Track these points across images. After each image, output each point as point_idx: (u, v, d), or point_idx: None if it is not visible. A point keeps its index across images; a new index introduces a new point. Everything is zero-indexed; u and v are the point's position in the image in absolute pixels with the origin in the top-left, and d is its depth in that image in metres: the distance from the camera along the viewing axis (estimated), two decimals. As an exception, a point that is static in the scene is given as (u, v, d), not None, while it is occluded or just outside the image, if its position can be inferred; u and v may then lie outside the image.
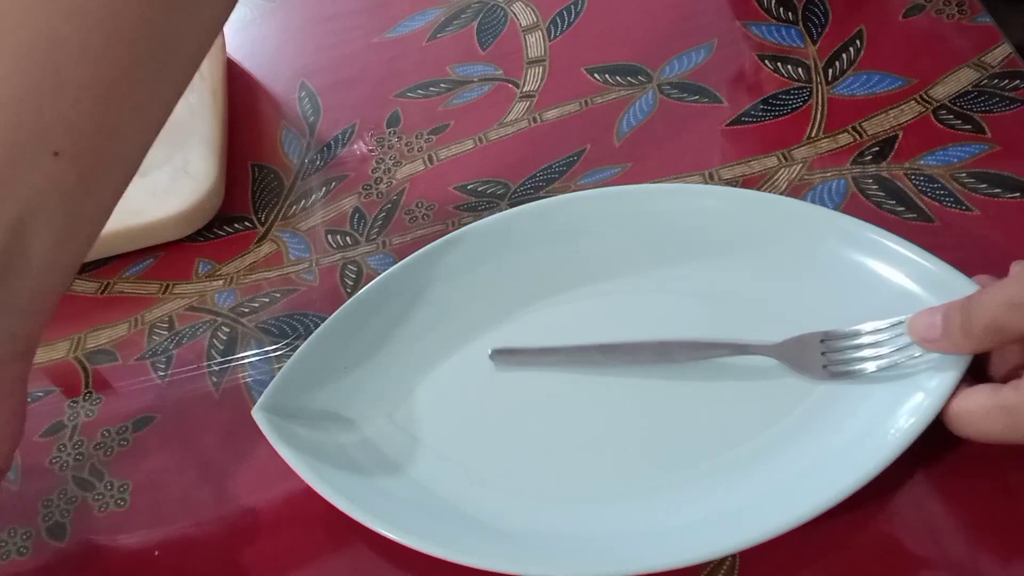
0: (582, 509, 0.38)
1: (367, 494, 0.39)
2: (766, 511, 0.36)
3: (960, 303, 0.36)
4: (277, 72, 0.57)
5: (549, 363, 0.42)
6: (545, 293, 0.44)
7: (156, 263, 0.50)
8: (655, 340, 0.41)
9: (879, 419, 0.37)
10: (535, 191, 0.48)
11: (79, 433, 0.45)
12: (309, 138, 0.54)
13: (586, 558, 0.37)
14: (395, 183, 0.51)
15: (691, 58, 0.51)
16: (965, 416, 0.35)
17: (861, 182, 0.45)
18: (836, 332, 0.39)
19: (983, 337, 0.35)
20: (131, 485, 0.43)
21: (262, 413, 0.40)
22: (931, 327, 0.36)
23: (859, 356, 0.39)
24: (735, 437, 0.39)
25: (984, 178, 0.44)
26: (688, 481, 0.38)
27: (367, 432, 0.41)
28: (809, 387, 0.39)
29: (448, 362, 0.43)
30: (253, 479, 0.42)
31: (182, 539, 0.42)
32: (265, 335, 0.47)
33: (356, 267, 0.48)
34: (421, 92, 0.54)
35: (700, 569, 0.37)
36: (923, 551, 0.36)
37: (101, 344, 0.48)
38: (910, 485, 0.37)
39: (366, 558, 0.39)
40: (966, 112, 0.46)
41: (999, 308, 0.34)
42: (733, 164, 0.47)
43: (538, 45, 0.54)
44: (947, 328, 0.36)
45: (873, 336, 0.38)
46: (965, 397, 0.36)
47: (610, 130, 0.50)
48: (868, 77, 0.48)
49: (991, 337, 0.35)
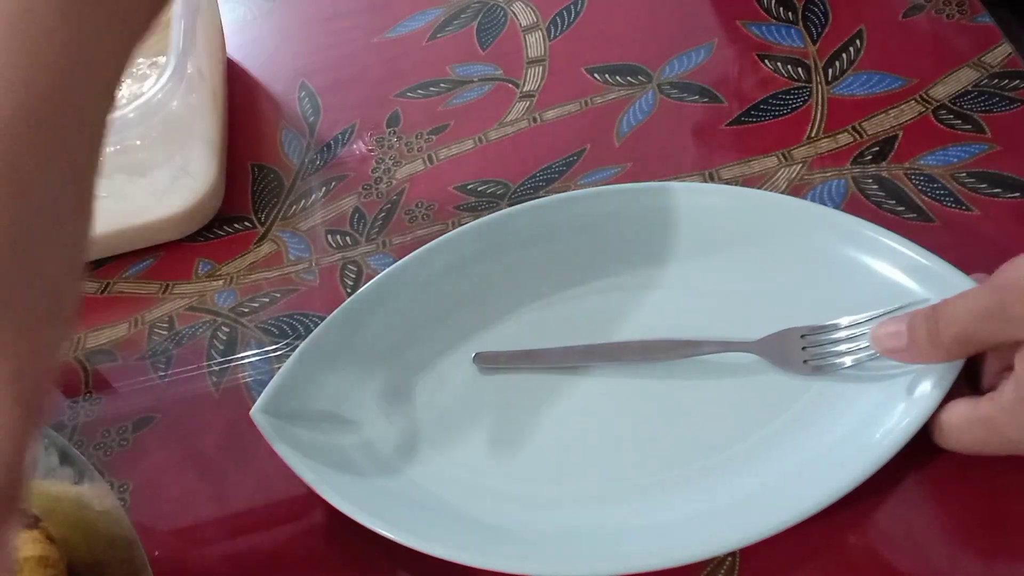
0: (583, 508, 0.38)
1: (366, 494, 0.39)
2: (766, 508, 0.36)
3: (926, 312, 0.35)
4: (277, 72, 0.57)
5: (537, 365, 0.42)
6: (545, 292, 0.44)
7: (156, 263, 0.50)
8: (639, 340, 0.41)
9: (876, 417, 0.37)
10: (535, 191, 0.48)
11: (79, 433, 0.45)
12: (309, 138, 0.54)
13: (586, 557, 0.37)
14: (395, 183, 0.51)
15: (691, 58, 0.51)
16: (947, 429, 0.35)
17: (861, 182, 0.45)
18: (816, 327, 0.39)
19: (952, 347, 0.34)
20: (131, 485, 0.43)
21: (261, 414, 0.40)
22: (895, 336, 0.36)
23: (837, 351, 0.39)
24: (729, 436, 0.39)
25: (984, 178, 0.44)
26: (686, 480, 0.38)
27: (366, 432, 0.41)
28: (804, 385, 0.39)
29: (447, 362, 0.43)
30: (252, 479, 0.42)
31: (182, 539, 0.42)
32: (265, 335, 0.47)
33: (356, 267, 0.48)
34: (421, 92, 0.54)
35: (701, 568, 0.37)
36: (921, 550, 0.36)
37: (101, 344, 0.48)
38: (908, 483, 0.37)
39: (366, 558, 0.39)
40: (966, 112, 0.46)
41: (971, 319, 0.33)
42: (733, 164, 0.47)
43: (538, 45, 0.54)
44: (913, 338, 0.35)
45: (851, 330, 0.38)
46: (948, 409, 0.35)
47: (610, 130, 0.50)
48: (868, 77, 0.48)
49: (960, 348, 0.34)
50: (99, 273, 0.51)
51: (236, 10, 0.60)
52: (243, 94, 0.56)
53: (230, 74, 0.57)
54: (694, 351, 0.40)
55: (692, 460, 0.39)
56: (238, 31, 0.59)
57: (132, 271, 0.50)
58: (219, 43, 0.57)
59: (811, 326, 0.39)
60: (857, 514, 0.37)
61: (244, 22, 0.60)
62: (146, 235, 0.50)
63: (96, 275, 0.51)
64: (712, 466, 0.39)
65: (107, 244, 0.50)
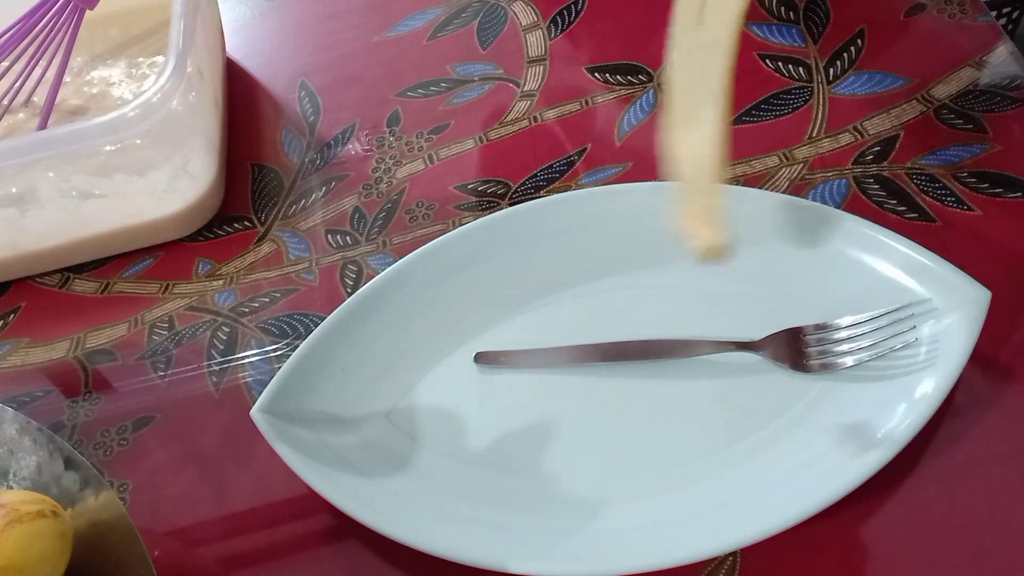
0: (583, 508, 0.38)
1: (366, 494, 0.39)
2: (766, 508, 0.36)
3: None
4: (277, 72, 0.57)
5: (537, 365, 0.42)
6: (545, 291, 0.44)
7: (156, 263, 0.50)
8: (639, 340, 0.41)
9: (877, 417, 0.37)
10: (536, 190, 0.48)
11: (79, 433, 0.45)
12: (309, 137, 0.53)
13: (586, 556, 0.37)
14: (395, 183, 0.51)
15: (692, 57, 0.51)
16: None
17: (862, 182, 0.45)
18: (817, 327, 0.39)
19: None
20: (131, 485, 0.43)
21: (261, 414, 0.40)
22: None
23: (838, 351, 0.39)
24: (730, 435, 0.39)
25: (985, 177, 0.44)
26: (687, 479, 0.38)
27: (366, 432, 0.41)
28: (805, 385, 0.39)
29: (447, 362, 0.43)
30: (252, 479, 0.42)
31: (182, 539, 0.41)
32: (265, 335, 0.46)
33: (356, 267, 0.48)
34: (421, 91, 0.54)
35: (701, 568, 0.37)
36: (922, 550, 0.36)
37: (101, 344, 0.48)
38: (908, 483, 0.37)
39: (366, 558, 0.39)
40: (967, 111, 0.46)
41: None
42: (734, 164, 0.47)
43: (538, 44, 0.54)
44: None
45: (852, 330, 0.38)
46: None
47: (611, 129, 0.50)
48: (869, 77, 0.48)
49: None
50: (99, 273, 0.51)
51: (236, 9, 0.60)
52: (243, 94, 0.56)
53: (230, 74, 0.57)
54: (695, 351, 0.40)
55: (693, 460, 0.39)
56: (238, 30, 0.59)
57: (132, 271, 0.50)
58: (219, 42, 0.56)
59: (812, 326, 0.39)
60: (857, 514, 0.37)
61: (244, 22, 0.60)
62: (146, 235, 0.50)
63: (96, 275, 0.50)
64: (713, 466, 0.38)
65: (107, 244, 0.50)
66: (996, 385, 0.39)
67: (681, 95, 0.34)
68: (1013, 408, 0.38)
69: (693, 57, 0.34)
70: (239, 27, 0.59)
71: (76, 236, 0.49)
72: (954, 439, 0.37)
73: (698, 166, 0.33)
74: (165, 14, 0.50)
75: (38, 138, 0.44)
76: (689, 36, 0.34)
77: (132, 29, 0.56)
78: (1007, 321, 0.40)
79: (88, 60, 0.55)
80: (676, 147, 0.34)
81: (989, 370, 0.39)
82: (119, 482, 0.43)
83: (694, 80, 0.33)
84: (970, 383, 0.39)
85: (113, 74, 0.55)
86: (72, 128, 0.44)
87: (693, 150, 0.33)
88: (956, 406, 0.38)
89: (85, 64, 0.55)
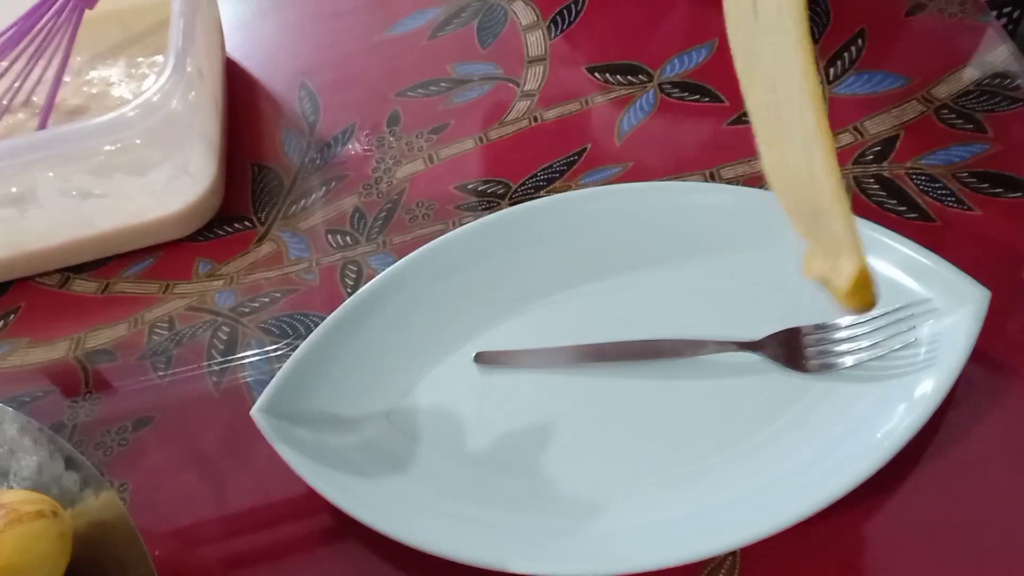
0: (583, 508, 0.38)
1: (366, 494, 0.39)
2: (766, 508, 0.36)
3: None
4: (277, 71, 0.57)
5: (537, 365, 0.42)
6: (545, 291, 0.44)
7: (156, 263, 0.50)
8: (639, 340, 0.41)
9: (877, 417, 0.37)
10: (536, 190, 0.48)
11: (79, 433, 0.45)
12: (309, 137, 0.53)
13: (586, 556, 0.37)
14: (395, 182, 0.51)
15: (692, 57, 0.51)
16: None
17: (862, 182, 0.45)
18: (817, 327, 0.39)
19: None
20: (131, 485, 0.43)
21: (261, 414, 0.40)
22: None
23: (838, 351, 0.39)
24: (730, 435, 0.39)
25: (986, 177, 0.44)
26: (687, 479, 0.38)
27: (366, 432, 0.41)
28: (805, 384, 0.39)
29: (447, 362, 0.43)
30: (253, 479, 0.42)
31: (182, 539, 0.41)
32: (265, 335, 0.46)
33: (356, 267, 0.48)
34: (421, 91, 0.54)
35: (701, 568, 0.37)
36: (922, 550, 0.36)
37: (101, 344, 0.48)
38: (909, 483, 0.37)
39: (366, 558, 0.39)
40: (967, 111, 0.46)
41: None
42: (734, 163, 0.47)
43: (538, 44, 0.54)
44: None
45: (852, 330, 0.38)
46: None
47: (611, 129, 0.50)
48: (869, 76, 0.48)
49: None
50: (99, 273, 0.51)
51: (235, 8, 0.60)
52: (243, 94, 0.56)
53: (230, 73, 0.57)
54: (695, 351, 0.40)
55: (693, 460, 0.39)
56: (237, 30, 0.59)
57: (132, 271, 0.50)
58: (219, 42, 0.56)
59: (812, 326, 0.39)
60: (857, 514, 0.37)
61: (244, 21, 0.60)
62: (146, 235, 0.50)
63: (96, 275, 0.50)
64: (713, 466, 0.39)
65: (107, 244, 0.50)
66: (996, 385, 0.39)
67: (761, 96, 0.28)
68: (1013, 408, 0.38)
69: (760, 41, 0.27)
70: (239, 27, 0.59)
71: (76, 236, 0.49)
72: (954, 439, 0.37)
73: (810, 187, 0.26)
74: (165, 13, 0.50)
75: (38, 138, 0.44)
76: (748, 26, 0.27)
77: (132, 28, 0.56)
78: (1007, 321, 0.40)
79: (88, 60, 0.55)
80: (774, 170, 0.27)
81: (989, 370, 0.39)
82: (119, 482, 0.43)
83: (769, 71, 0.27)
84: (970, 383, 0.39)
85: (113, 74, 0.55)
86: (72, 128, 0.44)
87: (798, 168, 0.26)
88: (956, 406, 0.38)
89: (85, 64, 0.55)
